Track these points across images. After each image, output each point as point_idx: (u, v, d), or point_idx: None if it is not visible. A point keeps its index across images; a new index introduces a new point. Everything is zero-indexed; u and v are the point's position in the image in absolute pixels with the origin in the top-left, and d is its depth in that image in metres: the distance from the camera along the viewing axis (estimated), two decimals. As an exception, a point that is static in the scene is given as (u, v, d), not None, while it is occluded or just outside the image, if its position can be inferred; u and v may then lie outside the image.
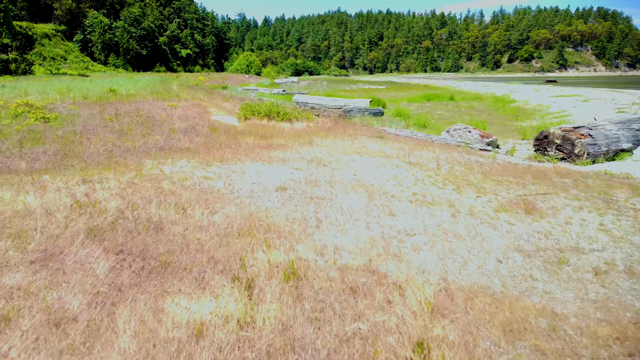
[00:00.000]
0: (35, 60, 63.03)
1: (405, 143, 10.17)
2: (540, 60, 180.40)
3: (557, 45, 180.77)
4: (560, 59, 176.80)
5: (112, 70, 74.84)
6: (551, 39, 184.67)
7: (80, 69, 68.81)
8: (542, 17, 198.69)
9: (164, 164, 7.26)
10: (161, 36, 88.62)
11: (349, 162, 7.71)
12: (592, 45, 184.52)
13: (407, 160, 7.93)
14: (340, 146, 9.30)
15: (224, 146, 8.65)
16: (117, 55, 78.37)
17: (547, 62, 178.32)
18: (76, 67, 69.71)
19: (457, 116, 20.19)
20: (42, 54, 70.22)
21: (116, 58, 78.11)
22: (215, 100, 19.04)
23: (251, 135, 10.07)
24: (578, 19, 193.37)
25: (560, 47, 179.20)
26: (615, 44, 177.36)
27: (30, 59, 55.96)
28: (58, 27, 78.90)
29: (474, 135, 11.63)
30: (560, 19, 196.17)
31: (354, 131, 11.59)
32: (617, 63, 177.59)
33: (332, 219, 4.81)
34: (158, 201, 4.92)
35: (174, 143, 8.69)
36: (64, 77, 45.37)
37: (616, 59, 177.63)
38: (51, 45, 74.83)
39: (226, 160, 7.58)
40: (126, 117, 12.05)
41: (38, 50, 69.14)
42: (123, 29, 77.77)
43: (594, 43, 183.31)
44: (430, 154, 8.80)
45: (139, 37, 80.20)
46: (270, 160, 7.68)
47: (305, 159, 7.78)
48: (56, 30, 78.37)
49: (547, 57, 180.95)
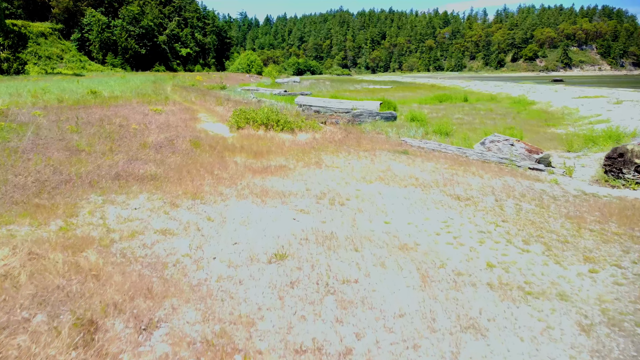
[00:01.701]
0: (29, 59, 61.68)
1: (437, 161, 8.01)
2: (544, 59, 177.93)
3: (562, 44, 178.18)
4: (565, 58, 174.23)
5: (109, 70, 73.04)
6: (555, 37, 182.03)
7: (76, 69, 67.00)
8: (546, 16, 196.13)
9: (113, 202, 5.10)
10: (160, 35, 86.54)
11: (373, 197, 5.56)
12: (597, 44, 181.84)
13: (452, 192, 5.77)
14: (357, 168, 7.14)
15: (204, 170, 6.49)
16: (115, 54, 76.57)
17: (551, 61, 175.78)
18: (72, 67, 67.93)
19: (478, 120, 18.02)
20: (38, 52, 68.76)
21: (114, 57, 76.34)
22: (208, 104, 16.86)
23: (243, 152, 7.91)
24: (583, 18, 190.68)
25: (565, 46, 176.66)
26: (620, 43, 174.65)
27: (24, 58, 54.47)
28: (55, 26, 77.31)
29: (518, 149, 9.42)
30: (564, 18, 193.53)
31: (370, 144, 9.42)
32: (622, 62, 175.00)
33: (371, 347, 2.63)
34: (48, 313, 2.68)
35: (138, 167, 6.52)
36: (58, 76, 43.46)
37: (621, 58, 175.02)
38: (47, 44, 73.21)
39: (202, 195, 5.42)
40: (94, 127, 9.89)
41: (33, 49, 67.83)
42: (121, 27, 75.90)
43: (599, 42, 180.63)
44: (477, 179, 6.62)
45: (138, 36, 78.26)
46: (264, 195, 5.52)
47: (313, 193, 5.64)
48: (53, 29, 76.77)
49: (551, 56, 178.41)
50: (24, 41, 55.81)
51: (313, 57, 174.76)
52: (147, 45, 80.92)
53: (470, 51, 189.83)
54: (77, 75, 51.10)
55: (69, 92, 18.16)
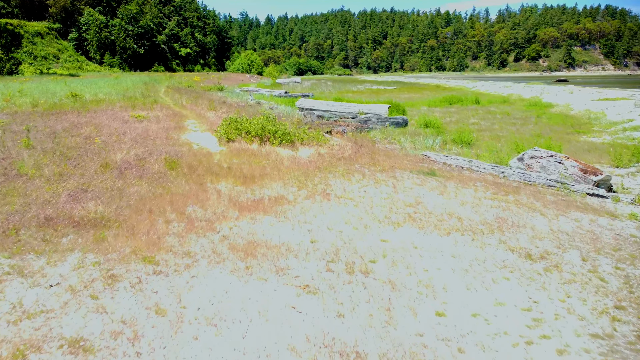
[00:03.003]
0: (25, 59, 60.42)
1: (475, 186, 6.34)
2: (547, 59, 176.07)
3: (565, 43, 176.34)
4: (568, 58, 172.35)
5: (106, 70, 71.60)
6: (559, 37, 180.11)
7: (72, 69, 65.51)
8: (549, 16, 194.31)
9: (22, 272, 3.40)
10: (160, 35, 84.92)
11: (408, 256, 3.88)
12: (601, 44, 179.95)
13: (515, 244, 4.10)
14: (377, 199, 5.47)
15: (173, 208, 4.81)
16: (113, 54, 75.09)
17: (554, 61, 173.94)
18: (68, 67, 66.48)
19: (498, 126, 16.32)
20: (33, 52, 67.48)
21: (112, 57, 74.87)
22: (199, 108, 15.16)
23: (230, 175, 6.23)
24: (586, 17, 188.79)
25: (568, 46, 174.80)
26: (624, 43, 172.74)
27: (19, 58, 53.23)
28: (52, 25, 76.01)
29: (569, 168, 7.71)
30: (567, 17, 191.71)
31: (386, 160, 7.73)
32: (625, 62, 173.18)
33: None
34: None
35: (84, 203, 4.83)
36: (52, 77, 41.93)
37: (625, 58, 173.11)
38: (43, 44, 71.86)
39: (159, 257, 3.72)
40: (54, 140, 8.21)
41: (29, 49, 66.67)
42: (120, 27, 74.39)
43: (602, 42, 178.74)
44: (539, 219, 4.94)
45: (137, 36, 76.76)
46: (250, 255, 3.82)
47: (322, 248, 3.97)
48: (50, 29, 75.46)
49: (554, 56, 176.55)
50: (17, 41, 54.53)
51: (314, 57, 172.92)
52: (145, 45, 79.53)
53: (472, 51, 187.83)
54: (72, 75, 49.63)
55: (50, 95, 16.49)
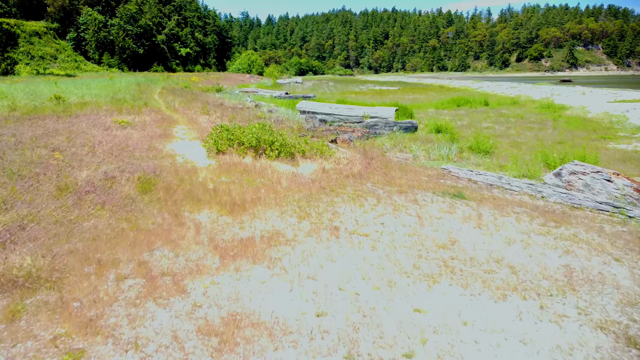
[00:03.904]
0: (21, 59, 59.64)
1: (513, 211, 5.17)
2: (550, 59, 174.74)
3: (567, 43, 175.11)
4: (571, 58, 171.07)
5: (105, 70, 70.62)
6: (561, 37, 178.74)
7: (70, 69, 64.56)
8: (551, 15, 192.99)
9: None
10: (159, 34, 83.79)
11: (458, 348, 2.59)
12: (603, 44, 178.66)
13: (604, 316, 2.90)
14: (399, 238, 4.26)
15: (132, 254, 3.59)
16: (111, 54, 74.12)
17: (557, 61, 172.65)
18: (66, 67, 65.53)
19: (514, 131, 15.13)
20: (31, 52, 66.72)
21: (111, 57, 73.92)
22: (192, 112, 13.95)
23: (214, 201, 5.03)
24: (588, 17, 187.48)
25: (571, 46, 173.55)
26: (627, 43, 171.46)
27: (16, 58, 52.38)
28: (50, 25, 75.18)
29: (620, 188, 6.52)
30: (570, 17, 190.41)
31: (402, 176, 6.55)
32: (628, 62, 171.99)
33: None
34: None
35: (12, 250, 3.59)
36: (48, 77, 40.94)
37: (627, 58, 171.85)
38: (41, 44, 70.98)
39: (89, 351, 2.48)
40: (14, 153, 7.03)
41: (26, 48, 65.91)
42: (119, 26, 73.39)
43: (605, 41, 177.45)
44: (619, 269, 3.74)
45: (136, 35, 75.72)
46: (225, 348, 2.51)
47: (334, 329, 2.62)
48: (48, 28, 74.63)
49: (557, 56, 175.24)
50: (14, 40, 53.58)
51: (315, 57, 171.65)
52: (145, 45, 78.54)
53: (474, 51, 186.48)
54: (68, 76, 48.69)
55: (33, 97, 15.36)
